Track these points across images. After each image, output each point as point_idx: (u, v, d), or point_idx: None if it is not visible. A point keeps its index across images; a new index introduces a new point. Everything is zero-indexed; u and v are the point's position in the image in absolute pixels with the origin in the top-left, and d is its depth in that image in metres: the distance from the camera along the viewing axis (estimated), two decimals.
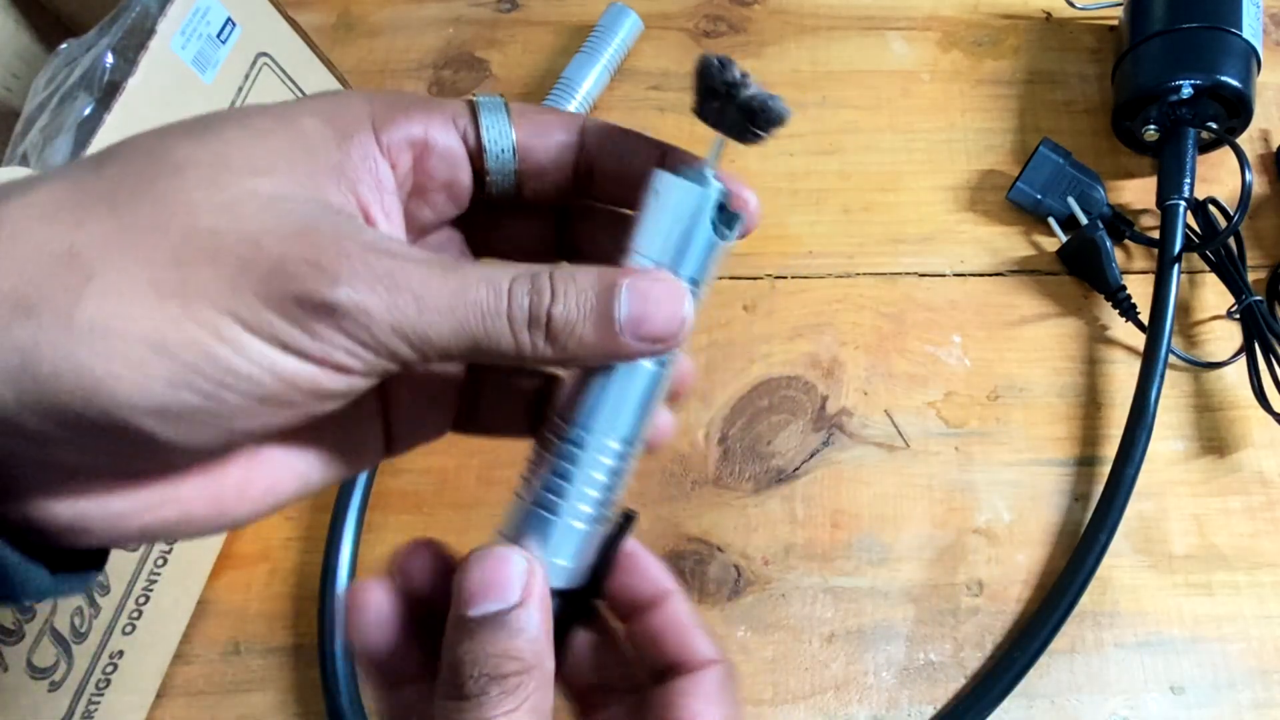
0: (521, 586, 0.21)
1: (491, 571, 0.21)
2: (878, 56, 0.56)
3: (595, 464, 0.22)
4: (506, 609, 0.20)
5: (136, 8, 0.39)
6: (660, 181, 0.22)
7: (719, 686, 0.23)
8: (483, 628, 0.20)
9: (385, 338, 0.19)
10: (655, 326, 0.21)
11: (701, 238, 0.22)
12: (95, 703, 0.38)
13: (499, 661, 0.20)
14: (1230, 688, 0.40)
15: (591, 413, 0.22)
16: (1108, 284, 0.47)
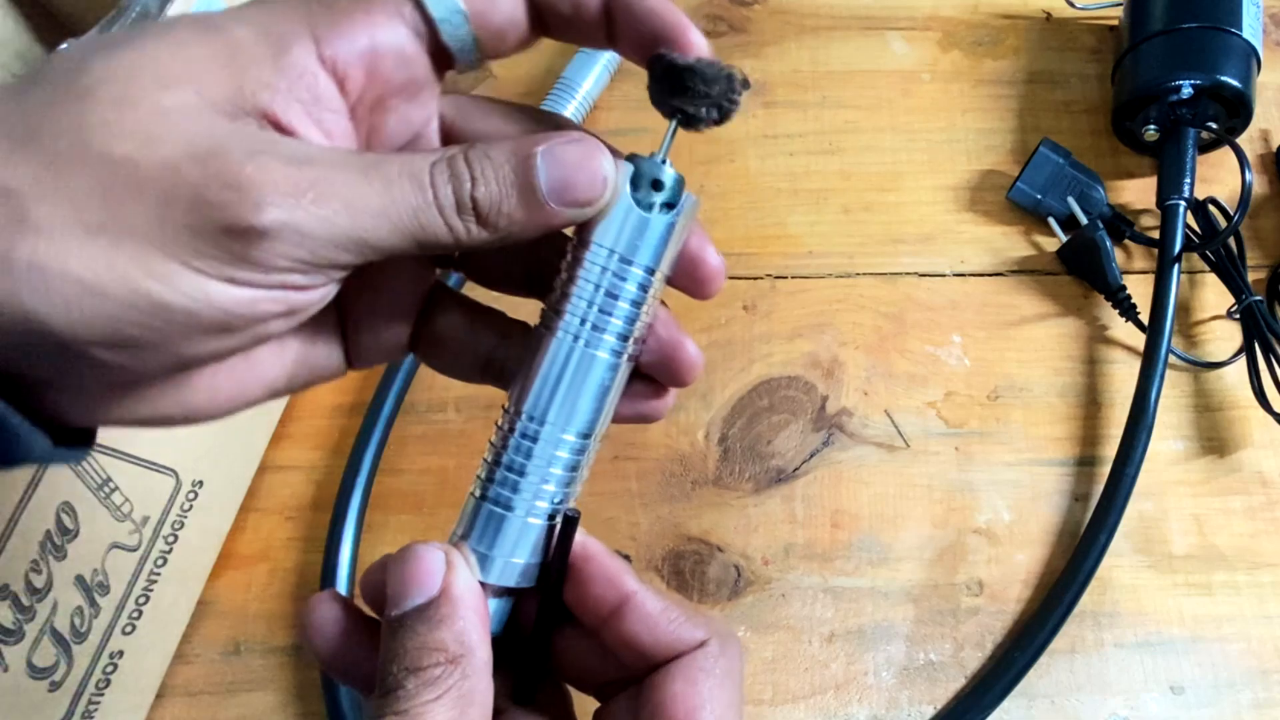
0: (439, 580, 0.21)
1: (408, 569, 0.21)
2: (878, 56, 0.56)
3: (550, 458, 0.22)
4: (424, 603, 0.21)
5: (136, 8, 0.39)
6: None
7: (706, 666, 0.22)
8: (403, 624, 0.20)
9: (323, 250, 0.19)
10: (579, 190, 0.21)
11: (656, 226, 0.22)
12: (95, 703, 0.38)
13: (418, 654, 0.20)
14: (1230, 688, 0.40)
15: (544, 405, 0.22)
16: (1108, 284, 0.47)
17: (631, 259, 0.22)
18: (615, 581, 0.23)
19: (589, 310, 0.22)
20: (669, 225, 0.22)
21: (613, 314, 0.22)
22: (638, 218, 0.22)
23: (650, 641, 0.23)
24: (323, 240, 0.19)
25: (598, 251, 0.21)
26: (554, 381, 0.22)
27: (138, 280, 0.17)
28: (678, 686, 0.22)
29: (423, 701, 0.19)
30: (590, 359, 0.22)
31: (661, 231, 0.22)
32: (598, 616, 0.23)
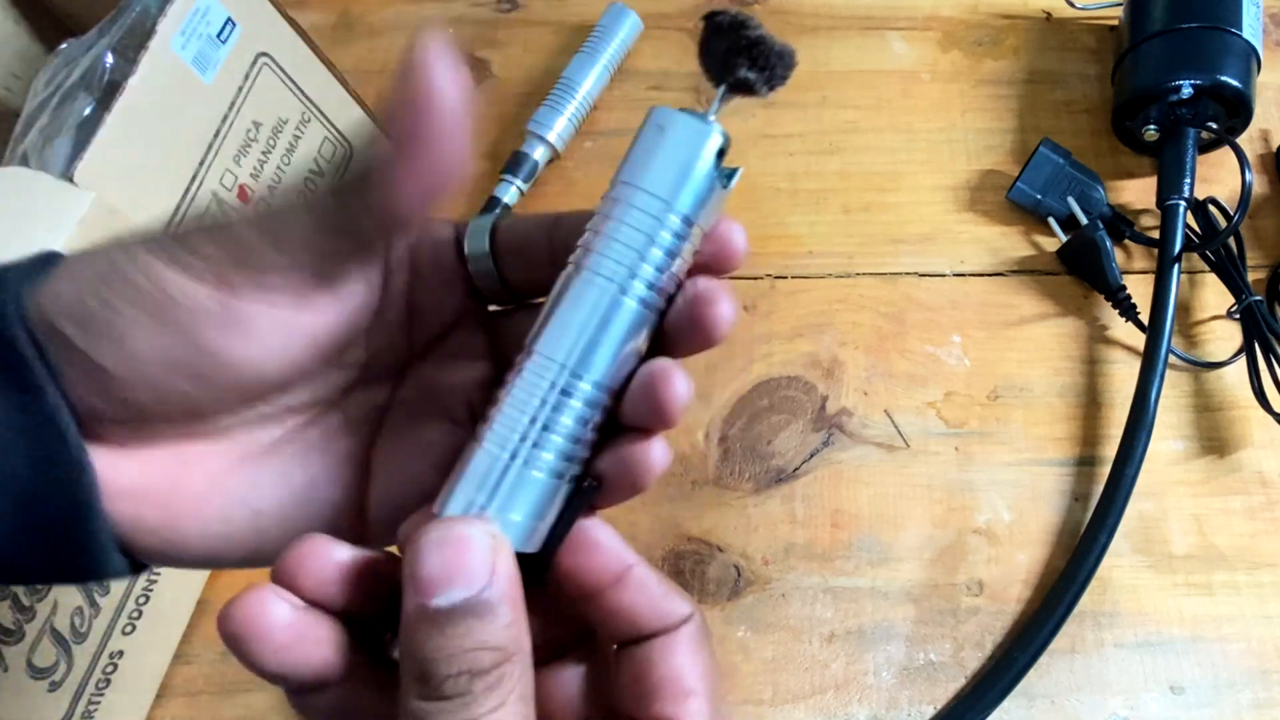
0: (488, 567, 0.18)
1: (455, 555, 0.18)
2: (878, 56, 0.56)
3: (587, 417, 0.20)
4: (474, 595, 0.18)
5: (136, 8, 0.39)
6: (662, 116, 0.20)
7: (695, 639, 0.22)
8: (452, 619, 0.18)
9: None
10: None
11: (702, 176, 0.20)
12: (95, 703, 0.38)
13: (477, 655, 0.18)
14: (1230, 688, 0.40)
15: (588, 358, 0.20)
16: (1108, 284, 0.47)
17: (682, 212, 0.20)
18: (619, 551, 0.22)
19: (634, 259, 0.20)
20: (719, 193, 0.21)
21: (656, 265, 0.20)
22: (705, 176, 0.20)
23: (648, 612, 0.22)
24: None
25: (649, 201, 0.20)
26: (599, 333, 0.20)
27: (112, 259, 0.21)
28: (682, 658, 0.21)
29: (491, 708, 0.18)
30: (636, 312, 0.20)
31: (713, 194, 0.21)
32: (596, 584, 0.22)
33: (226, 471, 0.22)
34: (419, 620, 0.18)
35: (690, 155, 0.20)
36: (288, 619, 0.19)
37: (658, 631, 0.22)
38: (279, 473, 0.23)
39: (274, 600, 0.19)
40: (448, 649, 0.18)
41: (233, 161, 0.41)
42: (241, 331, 0.20)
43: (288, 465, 0.23)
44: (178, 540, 0.22)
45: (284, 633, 0.19)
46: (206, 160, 0.40)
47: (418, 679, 0.18)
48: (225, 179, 0.41)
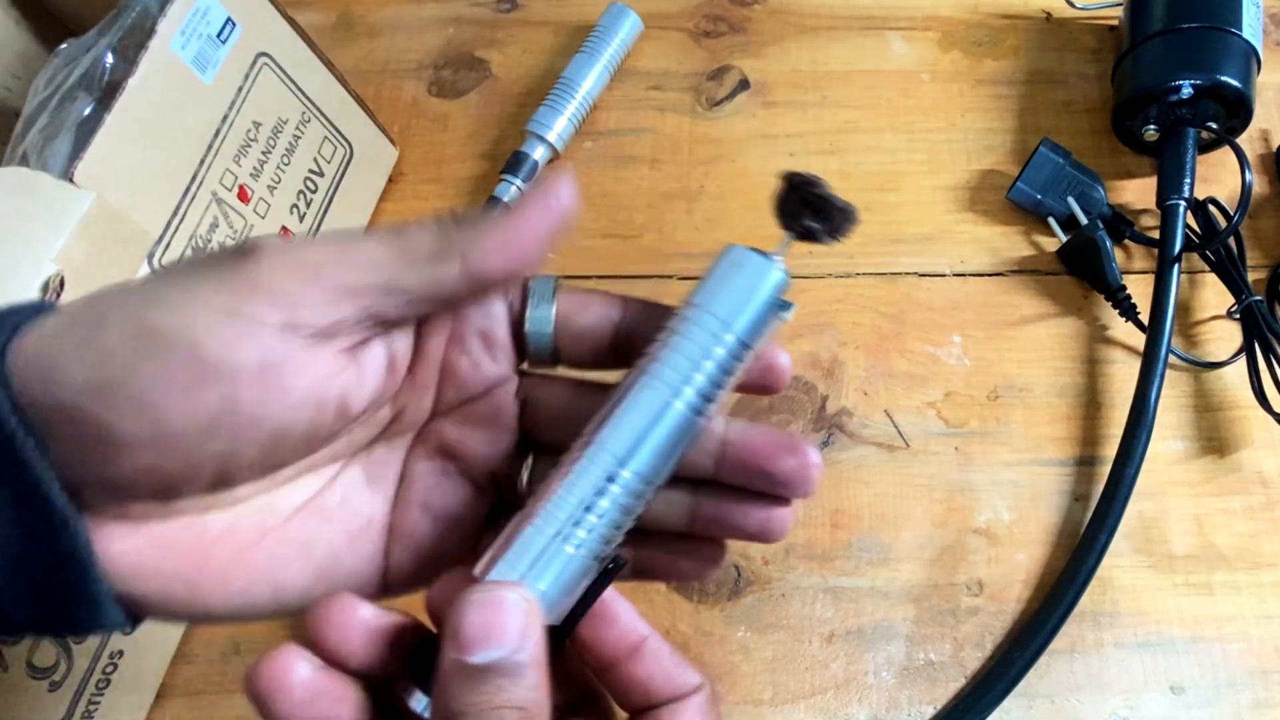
0: (522, 631, 0.20)
1: (494, 616, 0.20)
2: (878, 56, 0.56)
3: (629, 507, 0.22)
4: (508, 655, 0.20)
5: (136, 8, 0.39)
6: (737, 254, 0.24)
7: (704, 709, 0.23)
8: (485, 675, 0.19)
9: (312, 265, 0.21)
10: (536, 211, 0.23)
11: (761, 308, 0.23)
12: (95, 703, 0.38)
13: (503, 712, 0.19)
14: (1230, 688, 0.40)
15: (612, 435, 0.22)
16: (1108, 284, 0.47)
17: (739, 335, 0.23)
18: (635, 624, 0.23)
19: (689, 370, 0.22)
20: (777, 316, 0.24)
21: (710, 378, 0.23)
22: (764, 307, 0.23)
23: (661, 682, 0.23)
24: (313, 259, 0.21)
25: (713, 323, 0.23)
26: (649, 431, 0.22)
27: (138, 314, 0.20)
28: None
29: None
30: (684, 416, 0.22)
31: (769, 324, 0.23)
32: (613, 655, 0.23)
33: (248, 548, 0.23)
34: (455, 673, 0.20)
35: (754, 289, 0.23)
36: (308, 677, 0.21)
37: (669, 700, 0.23)
38: (300, 545, 0.23)
39: (296, 660, 0.21)
40: (479, 703, 0.19)
41: (233, 161, 0.41)
42: (280, 391, 0.21)
43: (309, 536, 0.24)
44: (201, 611, 0.23)
45: (304, 689, 0.20)
46: (206, 160, 0.40)
47: None
48: (225, 179, 0.41)
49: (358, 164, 0.50)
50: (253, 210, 0.43)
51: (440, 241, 0.21)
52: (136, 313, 0.20)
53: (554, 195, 0.23)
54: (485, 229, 0.22)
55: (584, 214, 0.52)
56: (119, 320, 0.20)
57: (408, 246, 0.21)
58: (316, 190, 0.47)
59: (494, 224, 0.22)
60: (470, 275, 0.22)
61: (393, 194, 0.53)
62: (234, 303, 0.20)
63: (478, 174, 0.53)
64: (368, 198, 0.52)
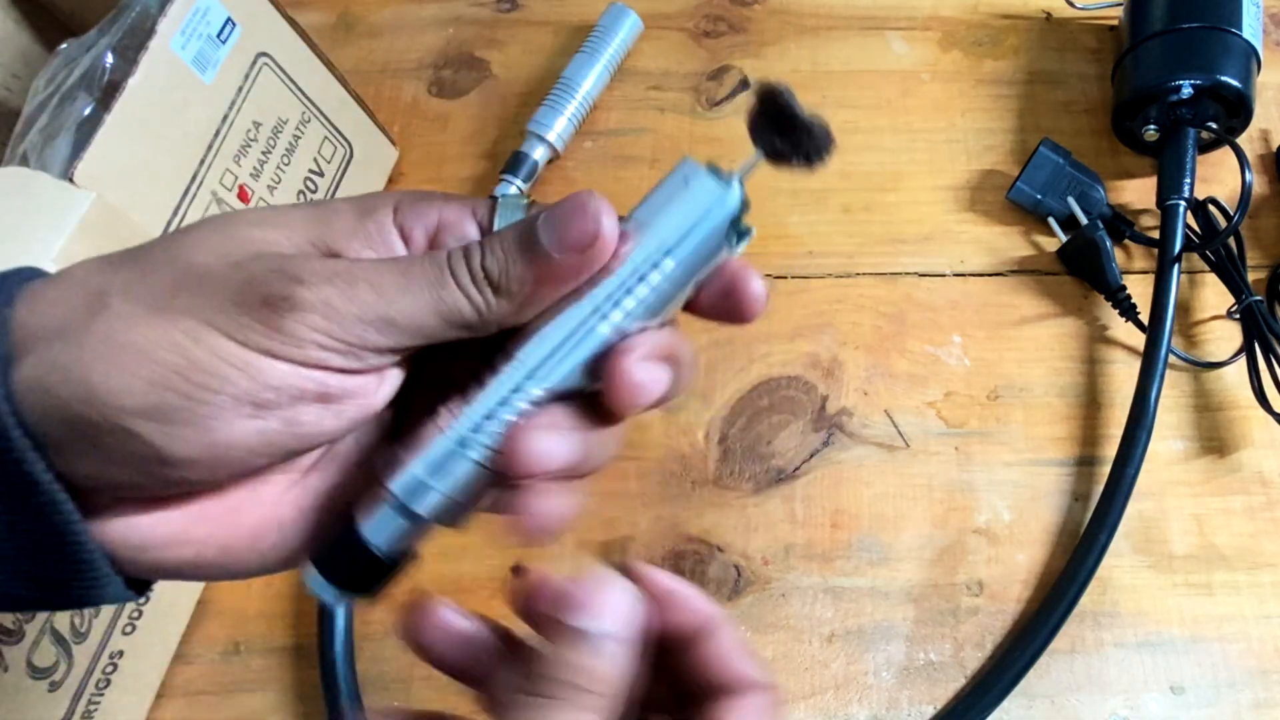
0: (629, 623, 0.21)
1: (610, 596, 0.21)
2: (878, 56, 0.56)
3: (507, 398, 0.22)
4: (612, 636, 0.21)
5: (136, 8, 0.39)
6: (689, 168, 0.22)
7: (766, 711, 0.23)
8: (584, 642, 0.21)
9: (352, 326, 0.21)
10: (575, 233, 0.21)
11: (708, 232, 0.22)
12: (95, 703, 0.38)
13: (590, 680, 0.20)
14: (1230, 688, 0.40)
15: (530, 352, 0.22)
16: (1108, 284, 0.47)
17: (680, 258, 0.22)
18: (705, 607, 0.24)
19: (618, 292, 0.22)
20: (723, 254, 0.23)
21: (641, 299, 0.22)
22: (711, 232, 0.22)
23: (725, 669, 0.23)
24: (351, 316, 0.20)
25: (650, 242, 0.22)
26: (564, 349, 0.22)
27: (184, 346, 0.20)
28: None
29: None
30: (604, 337, 0.22)
31: (716, 254, 0.22)
32: (680, 638, 0.24)
33: (275, 505, 0.23)
34: (560, 634, 0.21)
35: (702, 210, 0.22)
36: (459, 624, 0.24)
37: (729, 690, 0.23)
38: (322, 494, 0.24)
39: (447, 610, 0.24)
40: (570, 662, 0.21)
41: (233, 161, 0.41)
42: (337, 409, 0.22)
43: (330, 483, 0.24)
44: (241, 569, 0.23)
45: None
46: (206, 160, 0.40)
47: (533, 676, 0.21)
48: (225, 179, 0.41)
49: (358, 164, 0.50)
50: None
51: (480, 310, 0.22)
52: (178, 343, 0.20)
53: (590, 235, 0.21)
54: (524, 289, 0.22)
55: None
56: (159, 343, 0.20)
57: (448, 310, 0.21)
58: (316, 190, 0.47)
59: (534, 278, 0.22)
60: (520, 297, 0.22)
61: None
62: (282, 350, 0.20)
63: (478, 174, 0.53)
64: None
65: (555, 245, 0.21)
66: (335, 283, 0.21)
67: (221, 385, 0.20)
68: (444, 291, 0.21)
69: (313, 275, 0.20)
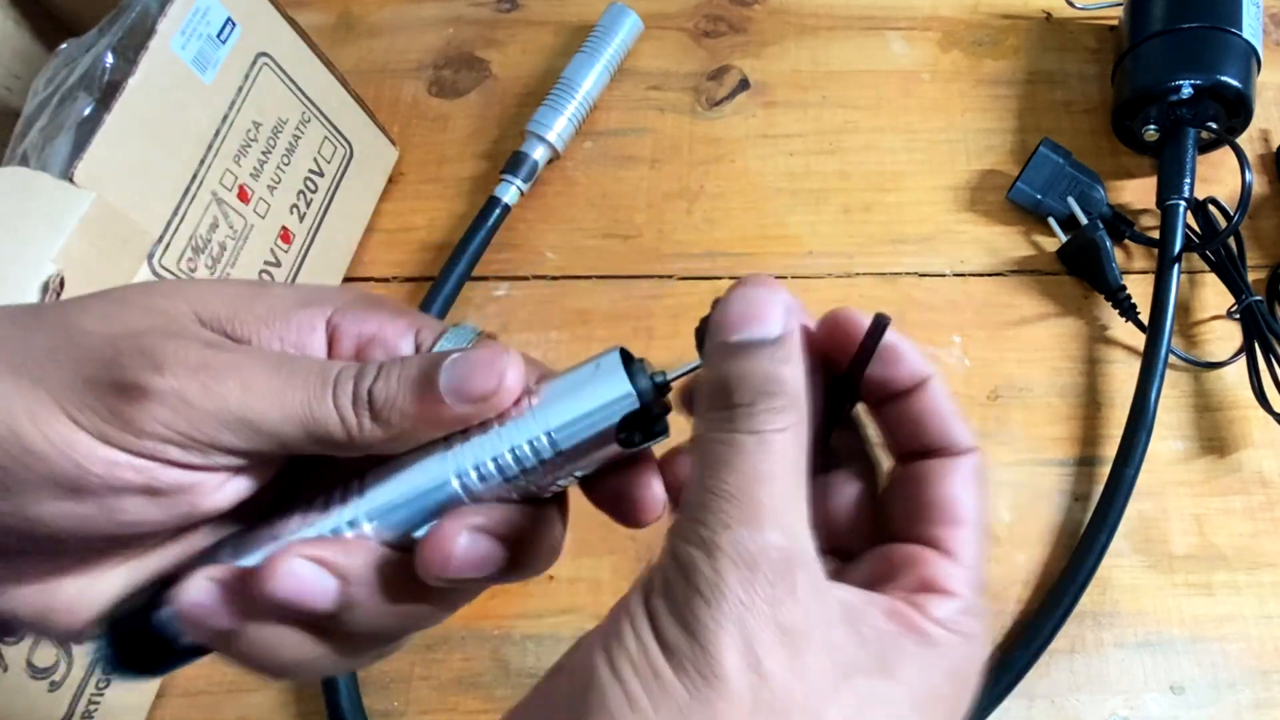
0: (782, 321, 0.20)
1: (758, 300, 0.20)
2: (878, 56, 0.56)
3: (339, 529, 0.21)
4: (770, 340, 0.20)
5: (136, 8, 0.39)
6: (609, 361, 0.21)
7: (976, 473, 0.22)
8: (746, 352, 0.20)
9: (205, 425, 0.19)
10: (475, 384, 0.20)
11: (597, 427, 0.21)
12: (95, 703, 0.38)
13: (764, 381, 0.19)
14: (1230, 688, 0.40)
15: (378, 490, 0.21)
16: (1108, 284, 0.47)
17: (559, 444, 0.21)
18: (917, 362, 0.23)
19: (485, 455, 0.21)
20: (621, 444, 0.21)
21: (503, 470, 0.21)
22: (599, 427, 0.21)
23: (935, 427, 0.23)
24: (206, 414, 0.19)
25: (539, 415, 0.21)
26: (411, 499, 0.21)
27: (15, 416, 0.19)
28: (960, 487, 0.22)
29: (774, 429, 0.19)
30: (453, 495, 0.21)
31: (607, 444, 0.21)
32: (891, 391, 0.23)
33: (103, 579, 0.22)
34: (720, 353, 0.20)
35: (597, 402, 0.21)
36: None
37: (942, 450, 0.23)
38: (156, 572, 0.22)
39: None
40: (741, 374, 0.19)
41: (233, 161, 0.41)
42: (165, 504, 0.20)
43: (163, 564, 0.22)
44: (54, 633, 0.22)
45: None
46: (206, 160, 0.40)
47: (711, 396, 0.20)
48: (225, 179, 0.41)
49: (358, 164, 0.50)
50: (253, 210, 0.43)
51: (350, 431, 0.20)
52: (10, 411, 0.19)
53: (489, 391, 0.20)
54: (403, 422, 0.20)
55: (584, 214, 0.52)
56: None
57: (315, 425, 0.20)
58: (316, 190, 0.47)
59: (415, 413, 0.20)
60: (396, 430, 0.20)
61: (393, 194, 0.53)
62: (118, 439, 0.19)
63: (478, 174, 0.53)
64: (368, 198, 0.52)
65: (451, 390, 0.20)
66: (200, 375, 0.19)
67: (34, 463, 0.19)
68: (318, 405, 0.20)
69: (177, 363, 0.19)
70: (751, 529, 0.18)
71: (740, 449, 0.19)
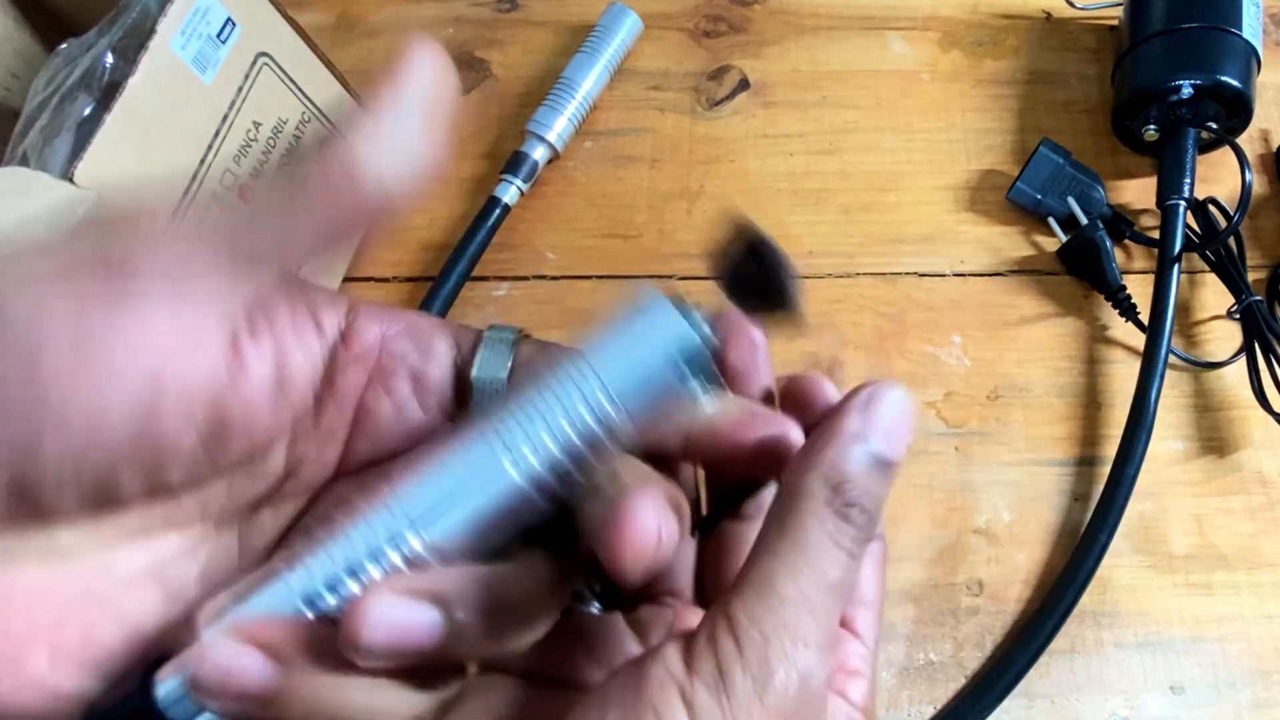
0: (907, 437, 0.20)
1: (904, 421, 0.20)
2: (878, 56, 0.56)
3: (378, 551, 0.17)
4: (898, 464, 0.20)
5: (136, 8, 0.39)
6: (649, 298, 0.18)
7: (878, 559, 0.22)
8: (887, 472, 0.20)
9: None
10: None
11: (659, 374, 0.18)
12: None
13: (880, 509, 0.19)
14: (1230, 688, 0.40)
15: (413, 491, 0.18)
16: (1108, 284, 0.47)
17: (623, 404, 0.18)
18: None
19: (539, 429, 0.18)
20: (689, 392, 0.18)
21: (564, 447, 0.18)
22: (662, 375, 0.18)
23: None
24: None
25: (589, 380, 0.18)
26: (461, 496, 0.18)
27: None
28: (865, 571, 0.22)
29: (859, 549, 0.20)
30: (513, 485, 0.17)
31: (673, 393, 0.18)
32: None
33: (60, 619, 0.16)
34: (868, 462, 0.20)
35: (654, 348, 0.18)
36: None
37: None
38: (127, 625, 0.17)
39: None
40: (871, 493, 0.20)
41: (233, 161, 0.41)
42: (101, 363, 0.15)
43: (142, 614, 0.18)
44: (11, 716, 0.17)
45: None
46: (206, 160, 0.40)
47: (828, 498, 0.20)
48: (225, 179, 0.41)
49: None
50: None
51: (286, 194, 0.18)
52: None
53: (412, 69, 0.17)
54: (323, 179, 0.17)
55: (584, 214, 0.52)
56: None
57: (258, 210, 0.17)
58: None
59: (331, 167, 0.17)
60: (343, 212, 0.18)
61: None
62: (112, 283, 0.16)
63: (478, 174, 0.53)
64: None
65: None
66: None
67: None
68: None
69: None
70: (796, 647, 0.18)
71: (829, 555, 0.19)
